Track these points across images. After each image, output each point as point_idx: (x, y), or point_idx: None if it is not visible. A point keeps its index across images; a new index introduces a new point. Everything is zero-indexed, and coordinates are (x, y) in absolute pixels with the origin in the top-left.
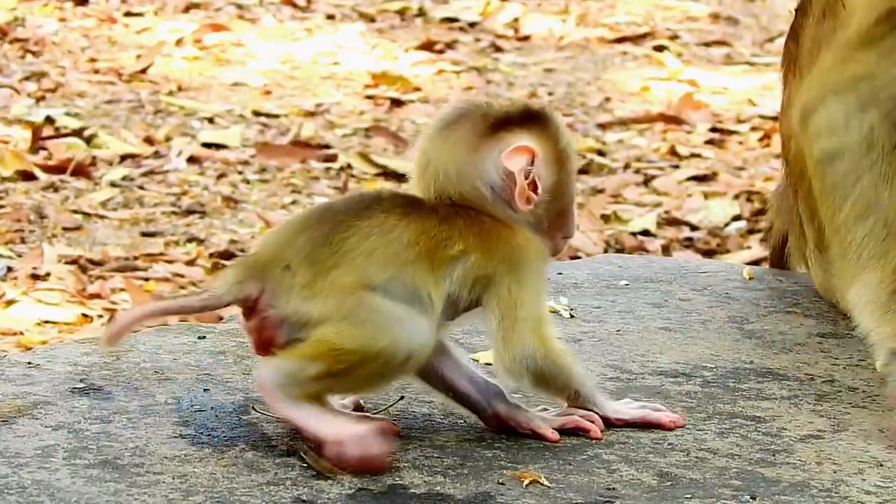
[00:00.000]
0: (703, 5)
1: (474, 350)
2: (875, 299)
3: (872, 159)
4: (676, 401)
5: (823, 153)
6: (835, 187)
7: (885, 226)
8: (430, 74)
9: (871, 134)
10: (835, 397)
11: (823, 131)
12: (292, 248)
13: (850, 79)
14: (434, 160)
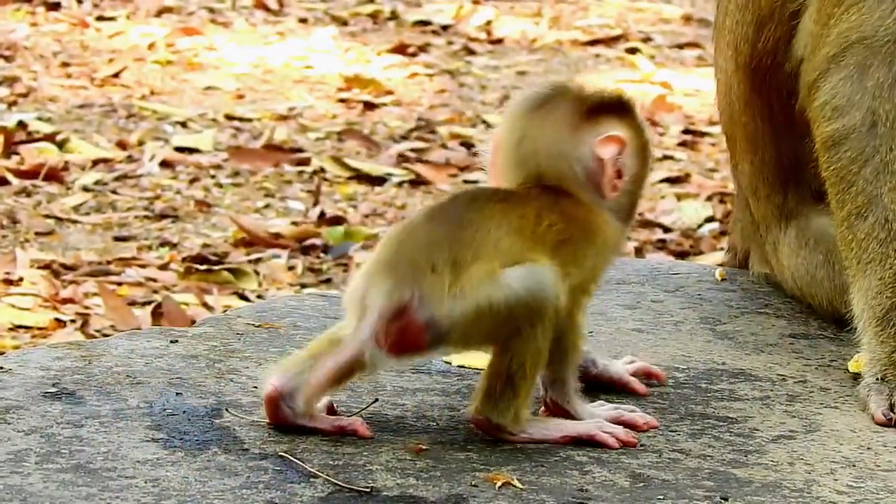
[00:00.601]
0: (675, 7)
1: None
2: (873, 310)
3: (875, 144)
4: (649, 402)
5: (827, 139)
6: (838, 177)
7: (885, 225)
8: (403, 77)
9: (876, 107)
10: (807, 398)
11: (828, 113)
12: (435, 250)
13: (840, 41)
14: (530, 137)
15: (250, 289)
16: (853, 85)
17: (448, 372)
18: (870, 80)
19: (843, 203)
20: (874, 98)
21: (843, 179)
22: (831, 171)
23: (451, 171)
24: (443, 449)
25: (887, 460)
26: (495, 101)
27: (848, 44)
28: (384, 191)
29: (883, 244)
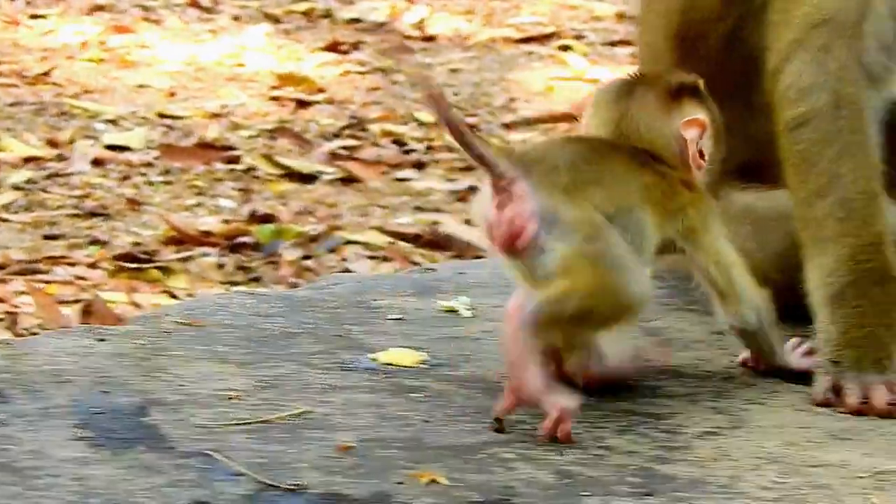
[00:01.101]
0: (608, 5)
1: (373, 350)
2: (828, 288)
3: (839, 126)
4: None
5: (791, 121)
6: (800, 159)
7: (845, 204)
8: (336, 75)
9: (840, 89)
10: (733, 394)
11: (793, 95)
12: (561, 156)
13: (803, 24)
14: (629, 117)
15: (180, 287)
16: (817, 67)
17: (374, 370)
18: (833, 62)
19: (805, 183)
20: (837, 80)
21: (807, 160)
22: (795, 151)
23: (383, 169)
24: (369, 447)
25: (812, 456)
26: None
27: (811, 26)
28: (315, 189)
29: (841, 222)
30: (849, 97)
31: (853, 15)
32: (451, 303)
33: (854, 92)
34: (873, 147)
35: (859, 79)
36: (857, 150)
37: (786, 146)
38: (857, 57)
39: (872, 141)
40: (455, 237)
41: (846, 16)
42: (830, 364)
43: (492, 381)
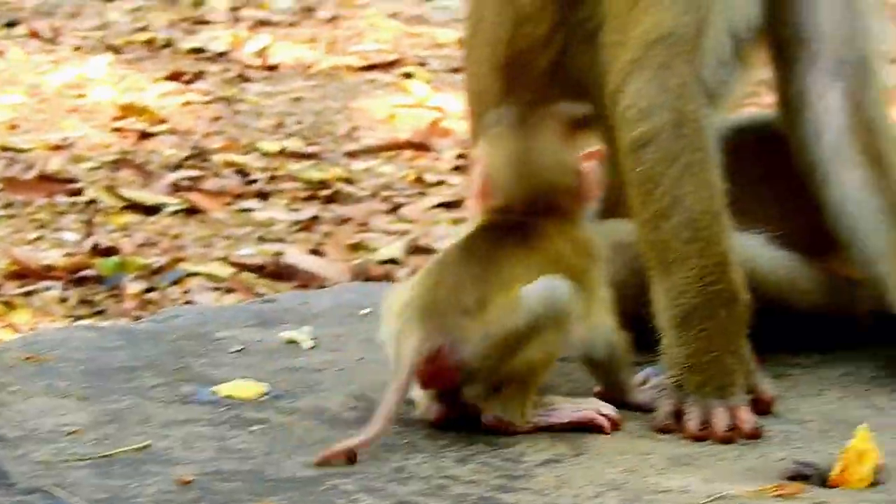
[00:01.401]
0: (450, 31)
1: (214, 382)
2: (675, 310)
3: (681, 145)
4: (417, 428)
5: (633, 141)
6: (643, 179)
7: (689, 225)
8: (178, 105)
9: (681, 107)
10: None
11: (633, 115)
12: (463, 291)
13: (641, 43)
14: (531, 152)
15: (22, 321)
16: (657, 85)
17: (216, 402)
18: (673, 80)
19: (648, 204)
20: (678, 98)
21: (650, 180)
22: (637, 173)
23: (226, 200)
24: (210, 480)
25: (653, 482)
26: (270, 127)
27: (648, 44)
28: (158, 220)
29: (687, 244)
30: (690, 115)
31: (691, 31)
32: (293, 334)
33: (695, 109)
34: (716, 165)
35: (700, 96)
36: (700, 169)
37: (628, 167)
38: (697, 74)
39: (715, 159)
40: (298, 267)
41: (684, 32)
42: (674, 388)
43: (333, 413)
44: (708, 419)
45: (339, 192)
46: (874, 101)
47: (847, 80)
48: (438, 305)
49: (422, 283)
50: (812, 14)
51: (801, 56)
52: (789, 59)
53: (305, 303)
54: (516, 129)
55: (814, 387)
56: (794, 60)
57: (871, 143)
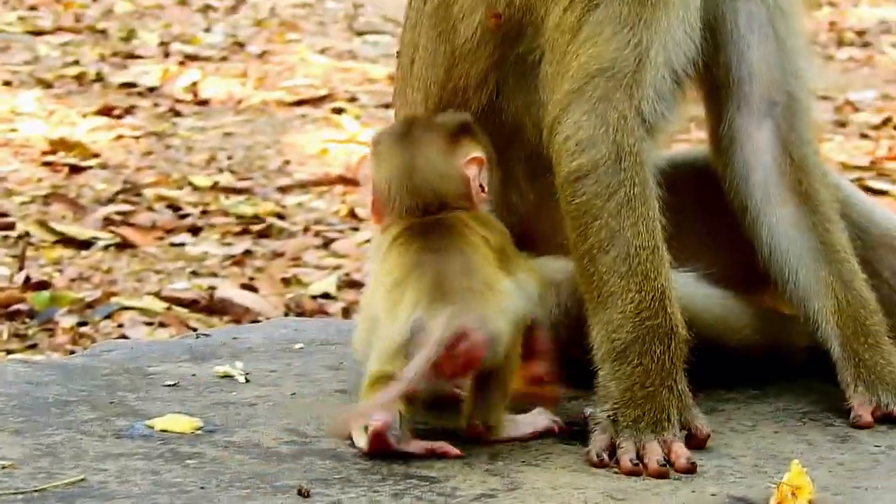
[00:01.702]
0: (381, 67)
1: (148, 416)
2: (612, 343)
3: (620, 179)
4: (351, 462)
5: (571, 173)
6: (581, 211)
7: (627, 259)
8: (109, 140)
9: (620, 141)
10: (508, 456)
11: (572, 147)
12: (462, 275)
13: (581, 75)
14: (416, 163)
15: None
16: (597, 118)
17: (150, 436)
18: (612, 113)
19: (586, 237)
20: (617, 130)
21: (587, 213)
22: (574, 205)
23: (158, 234)
24: None
25: None
26: (202, 162)
27: (588, 77)
28: (90, 254)
29: (624, 278)
30: (629, 148)
31: (631, 65)
32: (226, 368)
33: (634, 143)
34: (654, 199)
35: (639, 130)
36: (639, 202)
37: (566, 199)
38: (636, 107)
39: (653, 193)
40: (231, 302)
41: (624, 65)
42: (608, 422)
43: (267, 447)
44: (642, 454)
45: (271, 227)
46: (804, 140)
47: (776, 120)
48: (450, 290)
49: (410, 280)
50: (744, 55)
51: (732, 96)
52: (721, 99)
53: (237, 338)
54: (399, 146)
55: (748, 421)
56: (726, 100)
57: (800, 181)
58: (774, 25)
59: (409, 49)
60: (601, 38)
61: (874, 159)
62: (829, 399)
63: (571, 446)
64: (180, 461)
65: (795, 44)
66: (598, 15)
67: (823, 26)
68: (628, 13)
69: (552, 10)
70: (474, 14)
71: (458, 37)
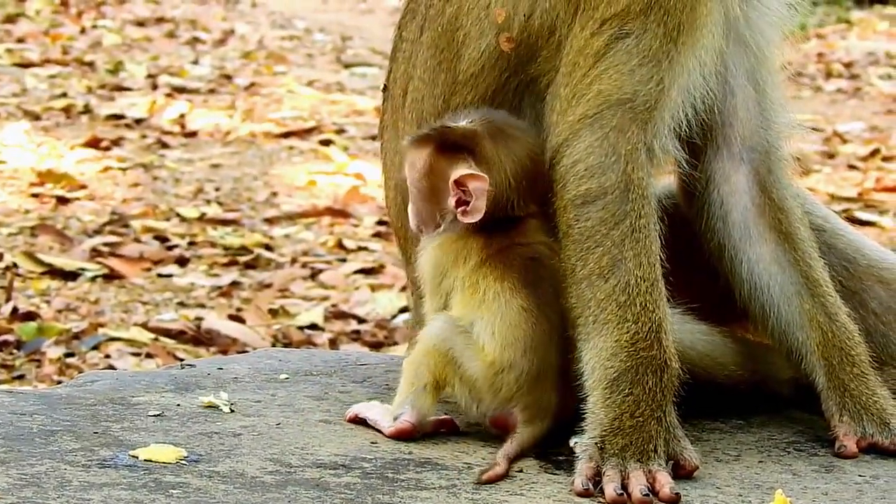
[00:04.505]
0: (368, 99)
1: (133, 447)
2: (605, 371)
3: (626, 209)
4: (336, 493)
5: (577, 196)
6: (584, 236)
7: (627, 289)
8: (96, 172)
9: (630, 172)
10: (493, 485)
11: (580, 171)
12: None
13: (598, 101)
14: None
15: None
16: (609, 146)
17: (135, 466)
18: (626, 145)
19: (586, 262)
20: (628, 162)
21: (590, 238)
22: (578, 229)
23: (146, 265)
24: None
25: None
26: (189, 194)
27: (606, 105)
28: (78, 286)
29: (622, 307)
30: (638, 181)
31: (651, 100)
32: (211, 398)
33: (643, 177)
34: (657, 234)
35: (647, 164)
36: (643, 235)
37: (568, 222)
38: (647, 142)
39: (656, 228)
40: (218, 333)
41: (644, 99)
42: (595, 449)
43: (251, 476)
44: (626, 483)
45: (258, 258)
46: (782, 184)
47: (755, 165)
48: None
49: (525, 350)
50: (727, 101)
51: (712, 140)
52: (700, 142)
53: (222, 368)
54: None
55: (732, 451)
56: (706, 143)
57: (780, 219)
58: (758, 75)
59: (402, 81)
60: (626, 68)
61: (862, 190)
62: (814, 429)
63: (556, 475)
64: (164, 491)
65: (776, 95)
66: (627, 44)
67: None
68: (658, 49)
69: (577, 33)
70: (482, 39)
71: (461, 63)
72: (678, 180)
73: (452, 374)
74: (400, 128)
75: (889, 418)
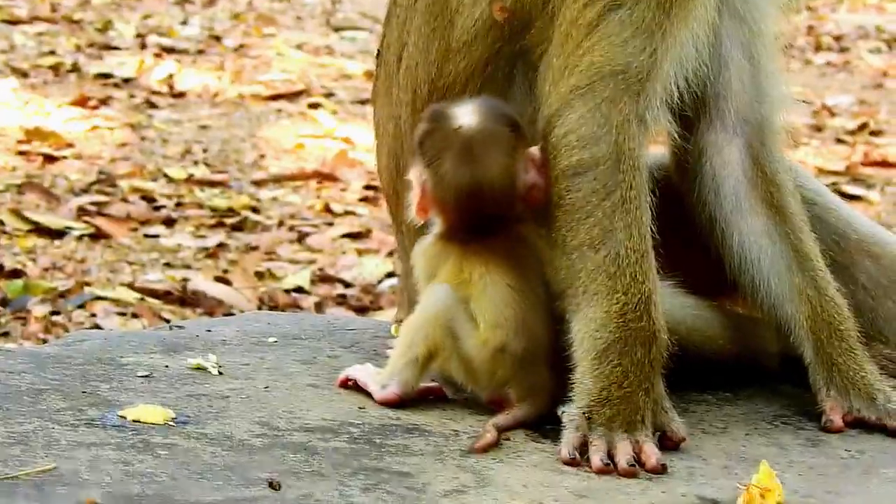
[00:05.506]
0: (358, 63)
1: (121, 407)
2: (594, 342)
3: (618, 180)
4: (324, 457)
5: (569, 167)
6: (575, 206)
7: (616, 260)
8: (84, 130)
9: (621, 143)
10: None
11: (572, 142)
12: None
13: (591, 72)
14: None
15: None
16: (601, 117)
17: (123, 426)
18: (618, 116)
19: (577, 233)
20: (620, 133)
21: (581, 209)
22: (569, 199)
23: (132, 225)
24: (116, 503)
25: None
26: (177, 154)
27: (598, 76)
28: (64, 244)
29: (612, 278)
30: (629, 152)
31: (643, 71)
32: (200, 360)
33: (634, 148)
34: (648, 205)
35: (639, 135)
36: (633, 206)
37: (559, 193)
38: (640, 113)
39: (647, 199)
40: (205, 294)
41: (636, 70)
42: (583, 418)
43: (239, 439)
44: (613, 453)
45: (245, 220)
46: (775, 158)
47: (748, 138)
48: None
49: (506, 332)
50: (721, 73)
51: (705, 112)
52: (692, 115)
53: (210, 330)
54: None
55: (719, 424)
56: (698, 116)
57: (772, 193)
58: (753, 47)
59: (396, 47)
60: (618, 40)
61: (850, 164)
62: (801, 403)
63: (543, 444)
64: (152, 451)
65: (771, 67)
66: (620, 15)
67: (801, 31)
68: (651, 20)
69: (570, 4)
70: (475, 7)
71: (454, 31)
72: (670, 153)
73: (450, 347)
74: (393, 94)
75: (876, 393)
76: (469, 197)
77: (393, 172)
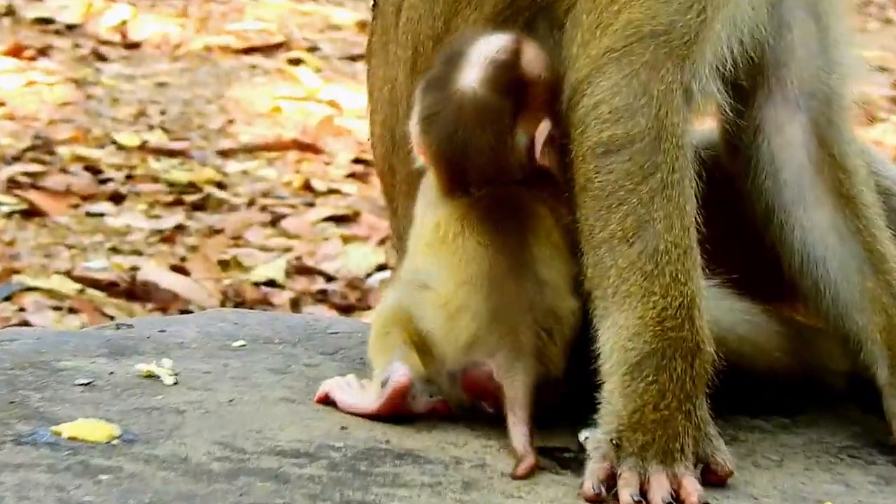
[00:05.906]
0: (348, 11)
1: (56, 421)
2: (625, 353)
3: (658, 161)
4: (296, 486)
5: (599, 144)
6: (606, 192)
7: (654, 256)
8: (19, 87)
9: (663, 117)
10: (486, 485)
11: (604, 114)
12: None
13: (628, 32)
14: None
15: None
16: (638, 86)
17: (57, 445)
18: (659, 85)
19: (607, 223)
20: (661, 105)
21: (613, 195)
22: (598, 182)
23: (73, 201)
24: None
25: None
26: (129, 117)
27: (637, 37)
28: None
29: (649, 278)
30: (672, 128)
31: (690, 32)
32: (151, 366)
33: (678, 123)
34: (693, 192)
35: (684, 108)
36: (675, 192)
37: (587, 174)
38: (685, 82)
39: (692, 185)
40: (158, 286)
41: (682, 31)
42: (610, 446)
43: (196, 462)
44: (646, 488)
45: (209, 198)
46: (845, 138)
47: (813, 114)
48: (521, 335)
49: (477, 294)
50: (784, 36)
51: (763, 82)
52: (748, 85)
53: (164, 331)
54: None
55: (774, 455)
56: (754, 87)
57: (841, 181)
58: (820, 5)
59: None
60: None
61: None
62: (872, 432)
63: (562, 475)
64: (92, 476)
65: (841, 32)
66: None
67: None
68: None
69: None
70: None
71: None
72: (720, 129)
73: (418, 332)
74: (391, 51)
75: None
76: (452, 166)
77: (388, 144)
